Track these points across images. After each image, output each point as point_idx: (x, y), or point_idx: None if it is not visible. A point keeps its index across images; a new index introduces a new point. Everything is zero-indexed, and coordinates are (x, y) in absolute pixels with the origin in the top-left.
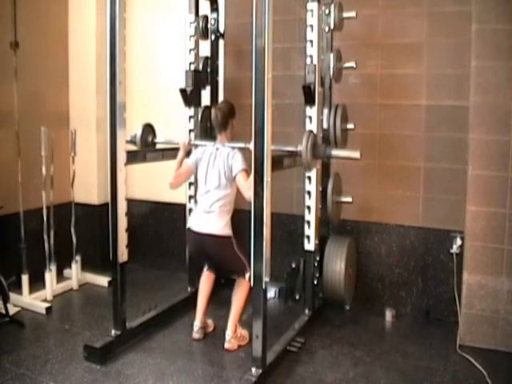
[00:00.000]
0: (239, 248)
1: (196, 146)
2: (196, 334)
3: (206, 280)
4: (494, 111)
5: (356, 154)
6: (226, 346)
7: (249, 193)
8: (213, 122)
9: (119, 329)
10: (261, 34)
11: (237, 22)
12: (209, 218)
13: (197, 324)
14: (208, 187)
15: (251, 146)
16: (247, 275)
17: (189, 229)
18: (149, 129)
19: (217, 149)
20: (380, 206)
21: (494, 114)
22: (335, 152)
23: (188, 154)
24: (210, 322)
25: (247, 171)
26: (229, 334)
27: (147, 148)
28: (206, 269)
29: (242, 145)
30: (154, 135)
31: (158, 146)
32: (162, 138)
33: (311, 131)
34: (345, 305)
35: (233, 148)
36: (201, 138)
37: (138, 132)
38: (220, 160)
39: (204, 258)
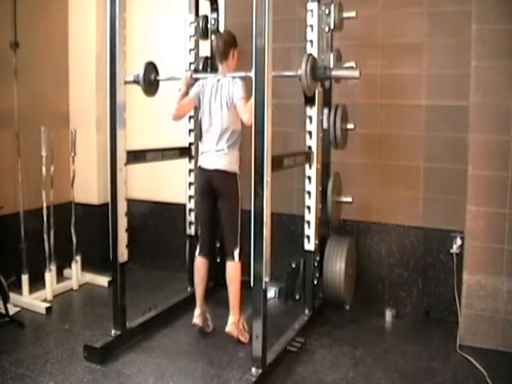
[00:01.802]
0: (241, 194)
1: (197, 79)
2: (196, 320)
3: (200, 265)
4: (494, 111)
5: (355, 73)
6: (227, 329)
7: (247, 115)
8: (214, 51)
9: (119, 329)
10: (261, 34)
11: (237, 22)
12: (217, 157)
13: (197, 310)
14: (213, 120)
15: (252, 73)
16: (236, 253)
17: (199, 166)
18: (151, 67)
19: (218, 80)
20: (380, 206)
21: (494, 114)
22: (335, 72)
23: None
24: (209, 322)
25: (247, 98)
26: (231, 318)
27: (150, 88)
28: (197, 253)
29: (242, 74)
30: (157, 73)
31: (160, 147)
32: (164, 75)
33: (310, 54)
34: (345, 305)
35: (233, 77)
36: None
37: (141, 71)
38: (222, 91)
39: (209, 196)
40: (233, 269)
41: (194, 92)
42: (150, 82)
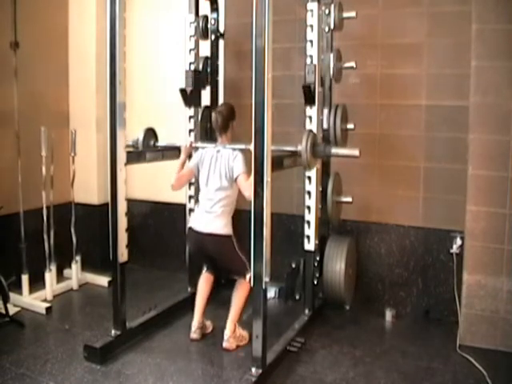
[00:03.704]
0: (240, 247)
1: (197, 148)
2: (194, 335)
3: (205, 281)
4: (494, 111)
5: (355, 152)
6: (225, 345)
7: (249, 192)
8: (213, 125)
9: (119, 329)
10: (261, 34)
11: (237, 22)
12: (209, 218)
13: (194, 324)
14: (210, 189)
15: (251, 147)
16: (248, 276)
17: (190, 228)
18: (150, 133)
19: (218, 151)
20: (380, 206)
21: (494, 114)
22: (335, 150)
23: (189, 156)
24: (208, 323)
25: (248, 173)
26: (227, 333)
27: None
28: (204, 270)
29: (242, 146)
30: (156, 139)
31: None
32: (163, 142)
33: (311, 130)
34: (345, 305)
35: (233, 149)
36: (201, 140)
37: (140, 136)
38: (221, 162)
39: (204, 258)
40: (243, 286)
41: (194, 162)
42: (148, 148)
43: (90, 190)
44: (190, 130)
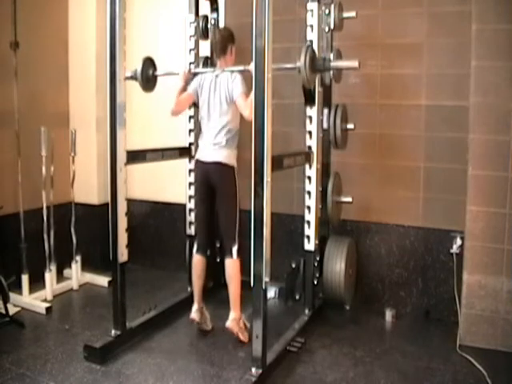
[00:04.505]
0: (238, 188)
1: (196, 74)
2: (194, 315)
3: (197, 263)
4: (494, 111)
5: (355, 64)
6: (227, 324)
7: (248, 111)
8: (212, 46)
9: (119, 329)
10: (261, 34)
11: (237, 22)
12: (215, 148)
13: (194, 306)
14: (211, 115)
15: (251, 67)
16: (234, 250)
17: (197, 160)
18: (149, 62)
19: (216, 76)
20: (380, 206)
21: (494, 114)
22: (334, 64)
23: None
24: (208, 321)
25: (247, 94)
26: (232, 315)
27: (148, 83)
28: (195, 251)
29: (241, 68)
30: (155, 68)
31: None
32: (162, 71)
33: (309, 46)
34: (345, 305)
35: (232, 72)
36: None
37: (139, 67)
38: (221, 85)
39: (207, 189)
40: (232, 266)
41: (193, 87)
42: (147, 77)
43: (90, 190)
44: (190, 130)
